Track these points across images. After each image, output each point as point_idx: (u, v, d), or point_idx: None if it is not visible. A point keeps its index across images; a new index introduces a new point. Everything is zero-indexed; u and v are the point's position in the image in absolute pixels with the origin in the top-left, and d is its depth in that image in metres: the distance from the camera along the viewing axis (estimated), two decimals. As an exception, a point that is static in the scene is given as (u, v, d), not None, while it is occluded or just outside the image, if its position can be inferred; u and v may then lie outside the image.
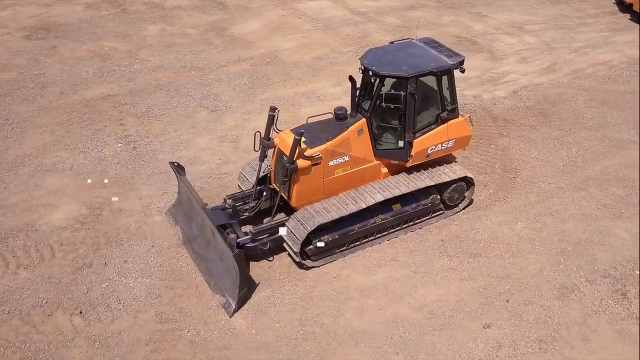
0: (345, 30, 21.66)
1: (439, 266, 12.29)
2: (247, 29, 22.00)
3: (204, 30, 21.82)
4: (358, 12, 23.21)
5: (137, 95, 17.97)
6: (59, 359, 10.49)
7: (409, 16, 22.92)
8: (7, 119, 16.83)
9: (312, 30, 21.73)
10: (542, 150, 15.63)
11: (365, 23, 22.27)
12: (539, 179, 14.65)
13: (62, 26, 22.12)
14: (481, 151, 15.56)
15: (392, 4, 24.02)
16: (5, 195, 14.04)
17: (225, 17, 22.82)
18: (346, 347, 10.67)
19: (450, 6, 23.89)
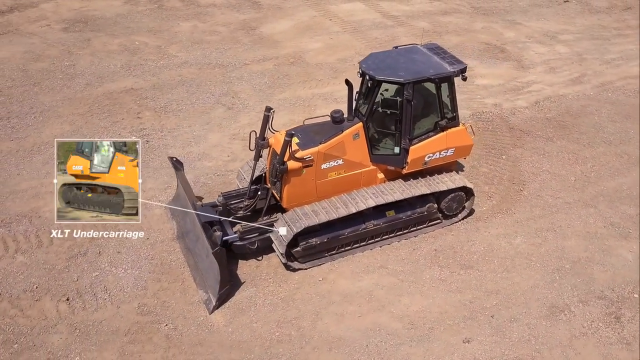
0: (373, 34, 21.38)
1: (428, 276, 11.95)
2: (277, 28, 21.95)
3: (234, 29, 21.89)
4: (390, 15, 22.88)
5: (159, 90, 18.14)
6: (39, 343, 10.62)
7: (440, 21, 22.46)
8: (32, 108, 17.24)
9: (340, 33, 21.53)
10: (555, 164, 15.05)
11: (395, 27, 21.93)
12: (547, 192, 14.10)
13: (99, 20, 22.53)
14: (491, 161, 15.08)
15: (426, 8, 23.59)
16: (17, 181, 14.36)
17: (257, 16, 22.84)
18: (319, 352, 10.48)
19: (484, 13, 23.30)
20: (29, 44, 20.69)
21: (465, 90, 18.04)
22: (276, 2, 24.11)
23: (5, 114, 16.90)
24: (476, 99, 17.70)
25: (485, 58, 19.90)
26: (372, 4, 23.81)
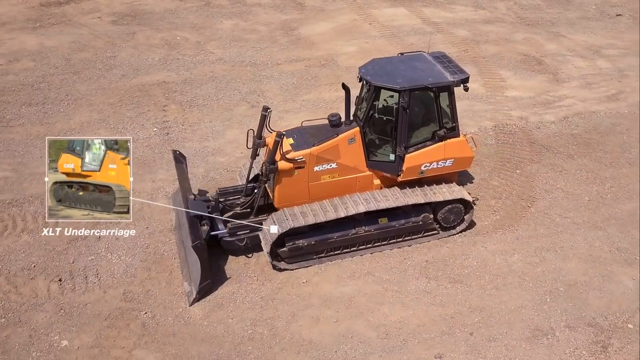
0: (410, 39, 21.00)
1: (414, 287, 11.64)
2: (316, 30, 21.89)
3: (274, 29, 21.96)
4: (431, 22, 22.43)
5: (189, 85, 18.40)
6: (25, 320, 10.94)
7: (480, 30, 21.85)
8: (68, 95, 17.81)
9: (377, 37, 21.26)
10: (571, 182, 14.37)
11: (434, 34, 21.47)
12: (556, 211, 13.47)
13: (147, 14, 23.06)
14: (504, 175, 14.55)
15: (469, 16, 23.00)
16: (38, 164, 14.84)
17: (299, 17, 22.84)
18: (286, 353, 10.37)
19: (529, 23, 22.50)
20: (78, 34, 21.38)
21: (493, 102, 17.50)
22: (320, 4, 24.04)
23: (42, 100, 17.51)
24: (503, 110, 17.12)
25: (520, 69, 19.21)
26: (415, 9, 23.40)
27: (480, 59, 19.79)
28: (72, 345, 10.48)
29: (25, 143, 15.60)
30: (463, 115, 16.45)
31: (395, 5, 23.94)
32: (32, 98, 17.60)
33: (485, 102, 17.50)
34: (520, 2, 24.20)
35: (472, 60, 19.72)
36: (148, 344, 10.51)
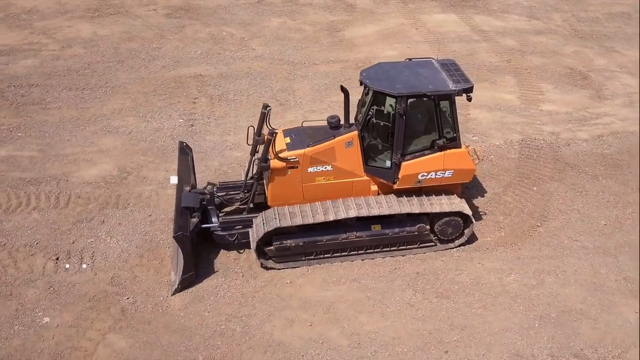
0: (453, 46, 20.34)
1: (398, 298, 11.20)
2: (361, 32, 21.56)
3: (319, 29, 21.79)
4: (479, 30, 21.64)
5: (224, 79, 18.50)
6: (16, 294, 11.24)
7: (529, 40, 20.88)
8: (107, 82, 18.27)
9: (420, 42, 20.71)
10: (589, 204, 13.48)
11: (480, 42, 20.71)
12: (566, 233, 12.67)
13: (200, 9, 23.37)
14: (519, 191, 13.81)
15: (521, 26, 22.04)
16: (64, 146, 15.29)
17: (347, 19, 22.56)
18: (253, 352, 10.19)
19: (582, 36, 21.33)
20: (130, 25, 21.92)
21: (526, 115, 16.69)
22: (371, 6, 23.67)
23: (83, 85, 18.04)
24: (534, 124, 16.28)
25: (562, 83, 18.24)
26: (466, 16, 22.65)
27: (523, 69, 18.92)
28: (52, 323, 10.67)
29: (57, 126, 16.07)
30: (491, 127, 15.81)
31: (446, 11, 23.27)
32: (74, 83, 18.14)
33: (518, 115, 16.70)
34: (579, 15, 23.00)
35: (513, 70, 18.88)
36: (122, 329, 10.57)
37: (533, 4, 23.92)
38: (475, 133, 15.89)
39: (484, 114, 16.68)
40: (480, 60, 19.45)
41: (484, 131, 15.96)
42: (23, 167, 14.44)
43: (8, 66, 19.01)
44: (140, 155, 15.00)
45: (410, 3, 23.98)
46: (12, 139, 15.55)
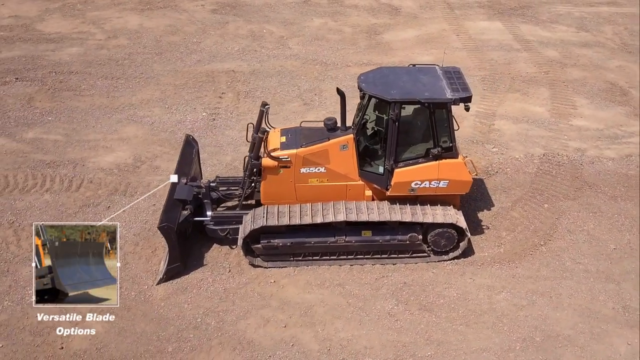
0: (491, 55, 19.63)
1: (379, 307, 10.86)
2: (400, 36, 21.13)
3: (359, 31, 21.49)
4: (522, 39, 20.79)
5: (255, 76, 18.51)
6: (12, 271, 11.56)
7: (573, 52, 19.89)
8: (142, 73, 18.62)
9: (458, 49, 20.09)
10: (601, 226, 12.69)
11: (520, 52, 19.90)
12: (570, 254, 11.97)
13: (246, 6, 23.50)
14: (529, 207, 13.15)
15: (567, 37, 21.03)
16: (88, 132, 15.66)
17: (388, 23, 22.16)
18: (222, 348, 10.10)
19: (631, 51, 20.13)
20: (176, 19, 22.27)
21: (554, 129, 15.91)
22: (416, 11, 23.17)
23: (119, 75, 18.45)
24: (561, 139, 15.49)
25: (599, 99, 17.27)
26: (512, 25, 21.82)
27: (559, 82, 18.05)
28: (36, 297, 10.85)
29: (86, 112, 16.48)
30: (514, 139, 15.17)
31: (492, 19, 22.49)
32: (112, 72, 18.56)
33: (545, 128, 15.93)
34: (632, 28, 21.75)
35: (549, 82, 18.04)
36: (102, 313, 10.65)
37: (585, 15, 22.80)
38: (496, 144, 15.25)
39: (509, 126, 16.00)
40: (516, 70, 18.68)
41: (506, 143, 15.30)
42: (46, 150, 14.84)
43: (54, 53, 19.65)
44: (158, 145, 15.15)
45: (457, 9, 23.32)
46: (42, 122, 16.03)
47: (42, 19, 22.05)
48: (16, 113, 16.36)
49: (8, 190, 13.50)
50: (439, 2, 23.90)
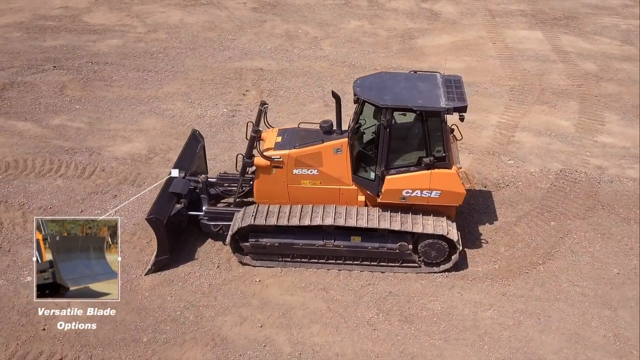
0: (525, 65, 18.91)
1: (359, 315, 10.59)
2: (434, 42, 20.64)
3: (393, 35, 21.12)
4: (561, 50, 19.94)
5: (282, 75, 18.45)
6: (13, 251, 11.87)
7: (611, 66, 18.92)
8: (173, 67, 18.86)
9: (492, 57, 19.46)
10: (608, 248, 12.00)
11: (556, 63, 19.09)
12: (568, 276, 11.36)
13: (286, 6, 23.48)
14: (533, 223, 12.57)
15: (609, 50, 20.01)
16: (110, 122, 15.96)
17: (425, 27, 21.68)
18: (196, 343, 10.06)
19: (676, 68, 19.02)
20: (216, 15, 22.47)
21: (577, 144, 15.19)
22: (455, 17, 22.59)
23: (151, 68, 18.75)
24: (582, 155, 14.75)
25: (632, 115, 16.37)
26: (553, 35, 20.96)
27: (591, 96, 17.21)
28: (31, 282, 11.09)
29: (113, 102, 16.79)
30: (533, 152, 14.56)
31: (533, 28, 21.67)
32: (144, 65, 18.87)
33: (568, 143, 15.21)
34: (681, 44, 20.54)
35: (580, 96, 17.23)
36: (87, 299, 10.78)
37: (633, 28, 21.68)
38: (512, 157, 14.66)
39: (530, 138, 15.35)
40: (548, 81, 17.93)
41: (523, 156, 14.69)
42: (67, 137, 15.20)
43: (95, 44, 20.14)
44: (174, 138, 15.27)
45: (499, 17, 22.59)
46: (69, 109, 16.43)
47: (89, 11, 22.64)
48: (47, 100, 16.82)
49: (25, 174, 13.87)
50: (480, 9, 23.21)
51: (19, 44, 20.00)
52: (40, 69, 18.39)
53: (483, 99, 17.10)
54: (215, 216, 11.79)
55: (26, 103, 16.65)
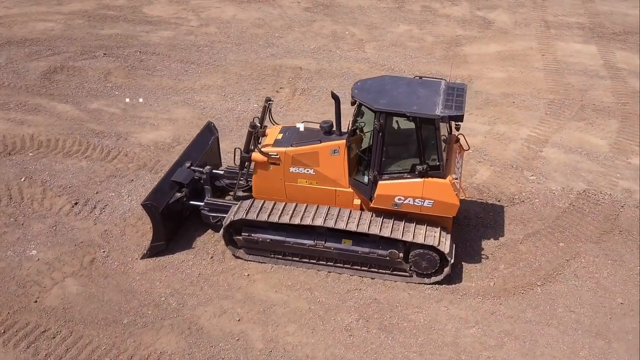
0: (570, 79, 17.94)
1: (339, 319, 10.33)
2: (481, 50, 19.92)
3: (440, 41, 20.53)
4: (613, 66, 18.79)
5: (319, 75, 18.31)
6: (26, 224, 12.30)
7: (665, 86, 17.68)
8: (215, 61, 19.08)
9: (537, 69, 18.58)
10: (616, 276, 11.17)
11: (604, 79, 18.00)
12: (566, 301, 10.66)
13: (339, 7, 23.30)
14: (540, 243, 11.88)
15: (669, 68, 18.72)
16: (143, 110, 16.32)
17: (475, 35, 20.95)
18: (171, 329, 10.09)
19: None
20: (268, 13, 22.57)
21: (608, 165, 14.27)
22: (508, 26, 21.72)
23: (194, 60, 19.05)
24: (611, 176, 13.84)
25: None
26: (608, 51, 19.77)
27: (635, 116, 16.13)
28: (36, 256, 11.50)
29: (150, 91, 17.15)
30: (558, 169, 13.84)
31: (588, 42, 20.54)
32: (189, 57, 19.18)
33: (598, 163, 14.30)
34: None
35: (622, 115, 16.19)
36: (82, 277, 11.05)
37: (698, 48, 20.17)
38: (535, 172, 13.93)
39: (558, 155, 14.53)
40: (591, 98, 16.93)
41: (547, 172, 13.92)
42: (100, 121, 15.64)
43: (148, 34, 20.65)
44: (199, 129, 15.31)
45: (554, 28, 21.56)
46: (109, 95, 16.90)
47: (150, 3, 23.24)
48: (91, 84, 17.37)
49: (54, 153, 14.35)
50: (536, 20, 22.22)
51: (79, 30, 20.74)
52: (91, 55, 19.00)
53: (518, 111, 16.34)
54: (215, 208, 11.76)
55: (71, 86, 17.23)
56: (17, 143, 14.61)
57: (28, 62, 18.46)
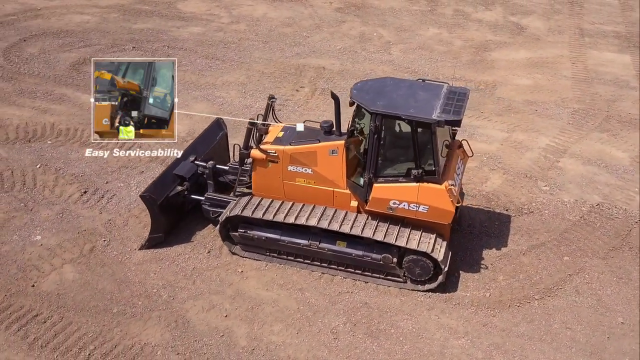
0: (598, 89, 17.25)
1: (326, 321, 10.14)
2: (509, 56, 19.37)
3: (468, 46, 20.06)
4: (644, 77, 18.03)
5: (341, 76, 18.12)
6: (35, 210, 12.50)
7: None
8: (240, 57, 19.09)
9: (565, 78, 17.94)
10: (620, 294, 10.64)
11: (634, 90, 17.24)
12: (563, 317, 10.20)
13: (370, 8, 23.03)
14: (544, 256, 11.42)
15: None
16: (163, 103, 16.37)
17: (505, 41, 20.38)
18: (158, 321, 10.07)
19: None
20: (299, 12, 22.49)
21: (626, 178, 13.67)
22: (541, 33, 21.06)
23: (219, 56, 19.10)
24: (629, 190, 13.23)
25: None
26: None
27: (662, 129, 15.39)
28: (39, 241, 11.66)
29: (173, 85, 17.20)
30: (574, 180, 13.34)
31: (623, 51, 19.74)
32: (215, 53, 19.24)
33: (616, 176, 13.69)
34: None
35: (647, 127, 15.48)
36: (79, 264, 11.15)
37: None
38: (549, 183, 13.41)
39: (575, 166, 13.97)
40: (618, 109, 16.24)
41: (562, 184, 13.39)
42: (120, 113, 15.75)
43: (178, 30, 20.81)
44: (214, 124, 15.37)
45: (588, 36, 20.79)
46: (132, 88, 17.02)
47: (184, -1, 23.43)
48: (116, 77, 17.52)
49: (72, 142, 14.57)
50: (571, 27, 21.48)
51: (113, 24, 21.05)
52: (120, 48, 19.25)
53: (539, 119, 15.79)
54: (214, 203, 11.70)
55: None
56: (38, 131, 14.87)
57: (60, 53, 18.80)
